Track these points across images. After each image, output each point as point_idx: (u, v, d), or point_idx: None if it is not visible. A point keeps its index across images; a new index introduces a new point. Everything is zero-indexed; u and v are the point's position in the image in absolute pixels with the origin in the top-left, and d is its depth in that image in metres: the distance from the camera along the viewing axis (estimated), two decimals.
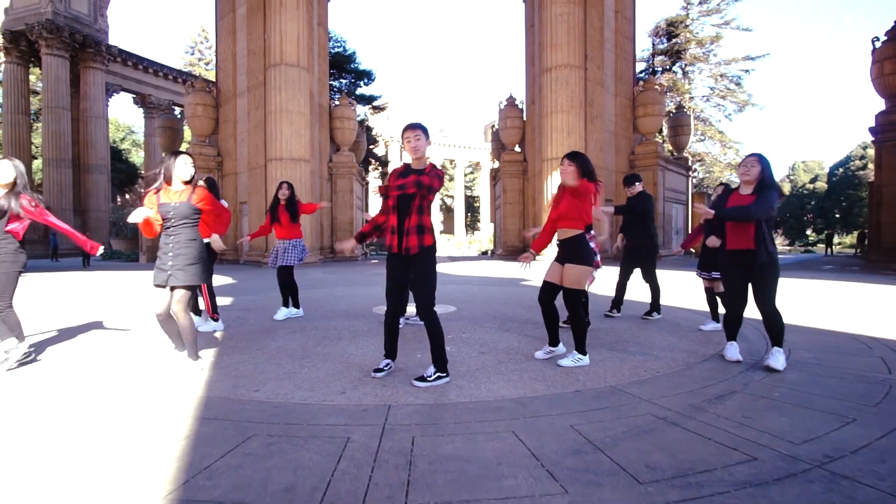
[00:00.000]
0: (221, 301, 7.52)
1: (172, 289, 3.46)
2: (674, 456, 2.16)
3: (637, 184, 5.84)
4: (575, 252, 3.68)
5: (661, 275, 6.12)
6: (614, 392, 3.05)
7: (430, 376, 3.22)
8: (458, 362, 3.76)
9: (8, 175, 3.74)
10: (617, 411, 2.71)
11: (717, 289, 4.96)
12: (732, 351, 3.80)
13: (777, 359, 3.49)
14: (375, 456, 2.17)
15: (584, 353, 3.71)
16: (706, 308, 6.39)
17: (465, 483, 1.93)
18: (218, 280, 11.73)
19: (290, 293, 5.89)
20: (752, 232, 3.52)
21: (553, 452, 2.20)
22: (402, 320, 5.33)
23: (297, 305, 5.98)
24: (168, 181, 3.53)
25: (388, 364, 3.46)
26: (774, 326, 3.55)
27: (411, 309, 5.80)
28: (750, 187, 3.68)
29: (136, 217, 3.40)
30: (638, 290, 6.63)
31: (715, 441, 2.31)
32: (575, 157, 3.76)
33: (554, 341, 3.89)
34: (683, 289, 9.00)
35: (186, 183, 3.57)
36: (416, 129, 3.25)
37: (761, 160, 3.68)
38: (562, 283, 3.74)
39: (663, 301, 6.02)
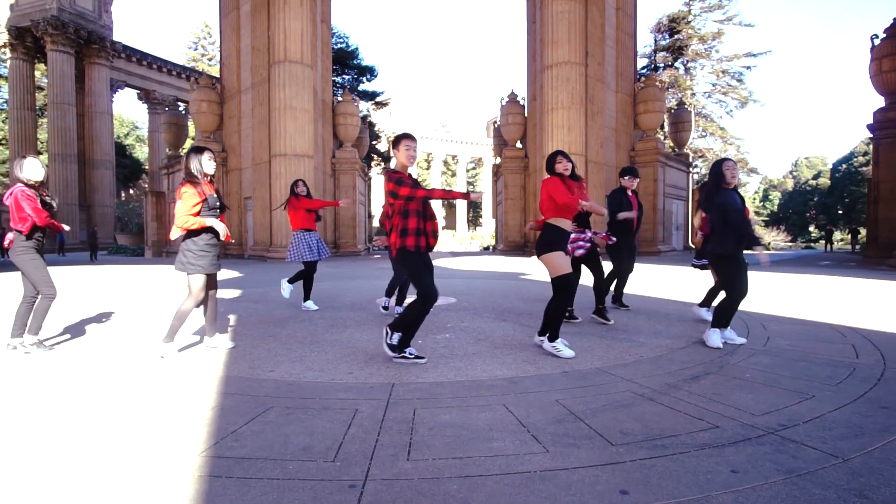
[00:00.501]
0: (229, 293, 7.82)
1: (213, 275, 3.91)
2: (646, 424, 2.43)
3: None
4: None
5: (659, 269, 6.36)
6: (599, 373, 3.33)
7: (394, 340, 3.64)
8: (457, 348, 4.05)
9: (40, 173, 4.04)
10: (599, 389, 2.99)
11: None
12: (714, 338, 4.08)
13: (711, 337, 4.05)
14: (381, 423, 2.45)
15: (556, 339, 3.85)
16: (693, 299, 6.68)
17: (460, 444, 2.21)
18: (224, 274, 12.06)
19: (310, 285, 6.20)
20: None
21: (538, 421, 2.47)
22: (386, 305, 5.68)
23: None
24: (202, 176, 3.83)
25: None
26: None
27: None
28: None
29: (222, 232, 3.92)
30: (636, 283, 6.87)
31: (684, 413, 2.58)
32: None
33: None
34: (677, 283, 9.27)
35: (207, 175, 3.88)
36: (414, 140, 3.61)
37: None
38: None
39: (657, 294, 6.28)
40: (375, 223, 36.52)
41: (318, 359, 3.71)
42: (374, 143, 34.71)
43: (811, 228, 73.02)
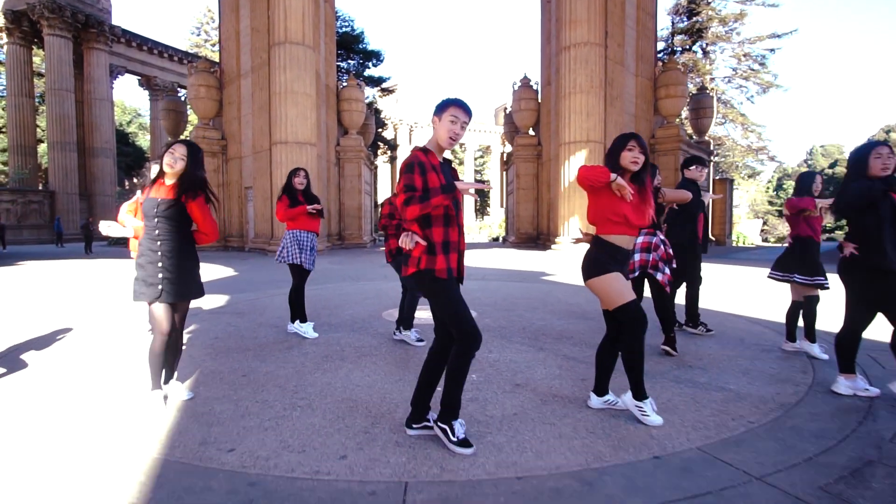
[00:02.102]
0: (212, 301, 6.82)
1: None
2: None
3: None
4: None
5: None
6: (706, 460, 2.27)
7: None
8: (489, 402, 3.00)
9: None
10: (725, 501, 1.94)
11: (807, 293, 4.07)
12: (844, 386, 3.05)
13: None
14: None
15: (644, 398, 2.75)
16: (749, 311, 5.63)
17: None
18: (218, 271, 11.08)
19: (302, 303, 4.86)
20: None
21: None
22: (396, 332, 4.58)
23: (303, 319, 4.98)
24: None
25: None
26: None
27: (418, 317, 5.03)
28: None
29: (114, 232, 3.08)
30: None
31: None
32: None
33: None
34: (716, 284, 8.17)
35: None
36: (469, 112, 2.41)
37: None
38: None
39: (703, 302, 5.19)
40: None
41: (300, 424, 2.68)
42: (379, 130, 33.50)
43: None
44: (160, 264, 2.84)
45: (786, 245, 4.21)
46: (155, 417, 2.76)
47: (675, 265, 3.93)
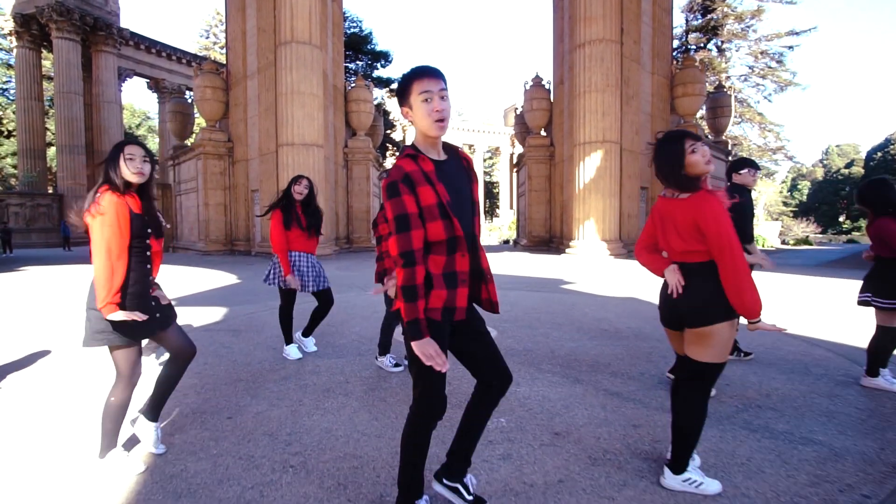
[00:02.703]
0: (208, 315, 6.30)
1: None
2: None
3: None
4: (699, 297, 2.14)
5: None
6: None
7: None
8: (527, 460, 2.43)
9: None
10: None
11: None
12: None
13: None
14: None
15: (684, 469, 2.17)
16: (798, 328, 5.03)
17: None
18: (220, 279, 10.60)
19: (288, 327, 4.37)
20: None
21: None
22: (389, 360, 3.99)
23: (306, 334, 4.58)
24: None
25: None
26: None
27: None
28: None
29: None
30: None
31: None
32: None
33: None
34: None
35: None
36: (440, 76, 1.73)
37: None
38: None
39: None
40: None
41: (290, 496, 2.11)
42: (388, 132, 33.06)
43: (842, 219, 69.80)
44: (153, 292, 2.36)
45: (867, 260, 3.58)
46: (113, 480, 2.23)
47: None
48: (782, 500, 2.07)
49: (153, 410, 2.54)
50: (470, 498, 1.93)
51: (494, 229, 47.93)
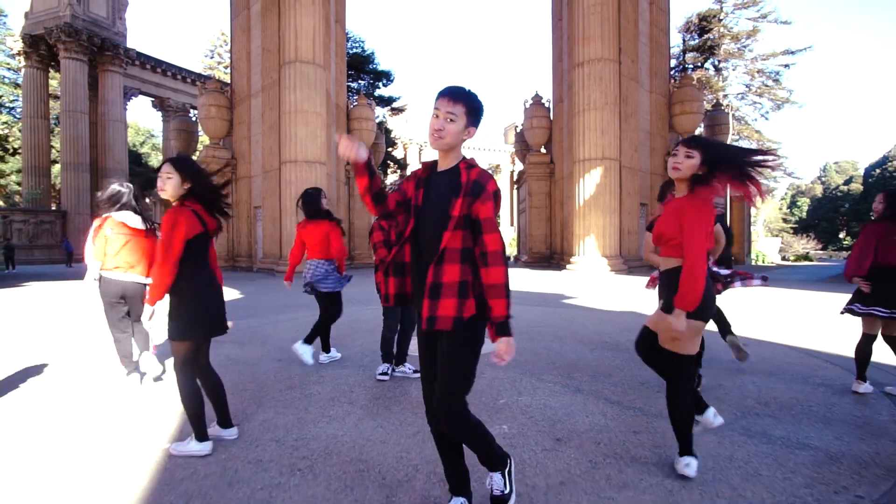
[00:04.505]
0: None
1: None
2: None
3: None
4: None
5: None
6: None
7: (506, 487, 1.96)
8: (528, 464, 2.48)
9: None
10: None
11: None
12: None
13: None
14: None
15: (691, 455, 2.34)
16: (794, 339, 5.11)
17: None
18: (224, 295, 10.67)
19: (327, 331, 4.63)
20: None
21: None
22: (386, 368, 4.07)
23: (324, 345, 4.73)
24: None
25: None
26: None
27: (414, 346, 4.62)
28: None
29: None
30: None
31: None
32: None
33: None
34: (745, 308, 7.59)
35: None
36: (454, 98, 1.84)
37: None
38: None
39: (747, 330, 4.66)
40: None
41: (298, 497, 2.17)
42: (389, 149, 33.40)
43: (841, 236, 69.88)
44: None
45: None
46: (124, 483, 2.29)
47: None
48: (778, 501, 2.12)
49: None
50: None
51: None
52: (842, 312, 3.70)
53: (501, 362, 1.79)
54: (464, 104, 1.83)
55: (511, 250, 38.44)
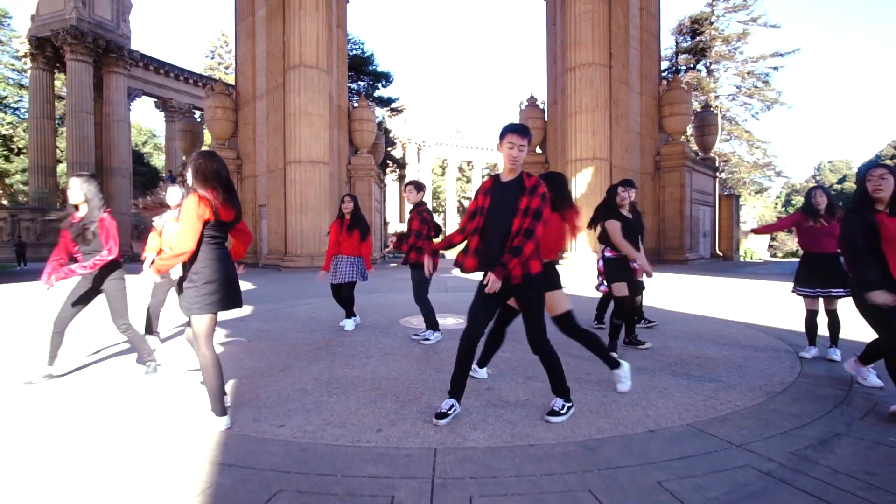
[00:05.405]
0: (240, 310, 7.22)
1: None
2: None
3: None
4: None
5: (692, 280, 5.61)
6: (695, 433, 2.61)
7: (562, 409, 2.86)
8: (505, 389, 3.36)
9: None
10: (707, 462, 2.27)
11: (830, 306, 4.22)
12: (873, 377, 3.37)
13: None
14: None
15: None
16: (749, 318, 5.95)
17: None
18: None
19: (350, 305, 5.80)
20: None
21: None
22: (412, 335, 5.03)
23: (353, 314, 5.91)
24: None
25: (452, 406, 2.83)
26: None
27: (417, 321, 5.49)
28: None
29: None
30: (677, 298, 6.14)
31: None
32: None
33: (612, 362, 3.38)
34: (716, 295, 8.47)
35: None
36: (522, 134, 2.74)
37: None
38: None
39: (703, 310, 5.53)
40: (391, 229, 35.93)
41: (337, 407, 3.05)
42: (389, 149, 34.22)
43: None
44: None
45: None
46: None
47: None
48: (679, 409, 2.99)
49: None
50: None
51: None
52: (792, 292, 4.45)
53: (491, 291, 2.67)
54: (527, 137, 2.78)
55: None
